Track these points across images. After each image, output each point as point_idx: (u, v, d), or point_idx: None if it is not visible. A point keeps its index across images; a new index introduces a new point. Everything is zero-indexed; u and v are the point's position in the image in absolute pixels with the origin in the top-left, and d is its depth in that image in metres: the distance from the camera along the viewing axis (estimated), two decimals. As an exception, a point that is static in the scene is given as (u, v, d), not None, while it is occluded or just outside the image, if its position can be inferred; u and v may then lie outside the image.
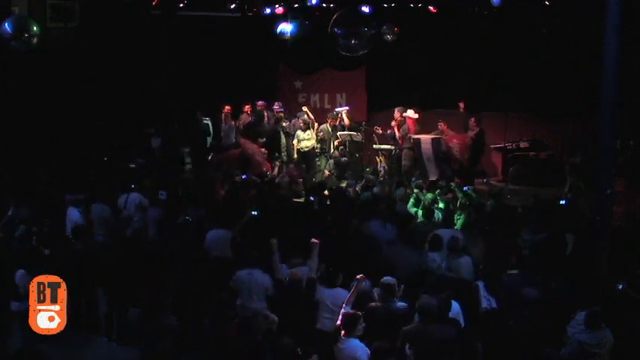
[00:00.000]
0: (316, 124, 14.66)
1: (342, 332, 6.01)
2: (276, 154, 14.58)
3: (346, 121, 14.52)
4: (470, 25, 13.97)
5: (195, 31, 14.29)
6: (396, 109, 14.30)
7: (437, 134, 13.68)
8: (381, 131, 14.22)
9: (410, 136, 13.64)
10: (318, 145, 14.43)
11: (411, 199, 10.40)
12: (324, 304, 6.95)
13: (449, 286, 6.92)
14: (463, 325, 6.52)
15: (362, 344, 5.99)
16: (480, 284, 7.05)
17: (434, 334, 5.97)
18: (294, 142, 14.35)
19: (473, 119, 13.64)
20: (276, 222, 9.18)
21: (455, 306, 6.59)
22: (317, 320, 6.99)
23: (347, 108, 14.94)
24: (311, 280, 7.17)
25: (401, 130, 13.88)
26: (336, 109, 14.97)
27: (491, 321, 6.68)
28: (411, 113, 13.89)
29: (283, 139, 14.70)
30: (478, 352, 5.95)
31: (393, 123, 14.02)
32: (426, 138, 13.37)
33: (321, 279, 7.33)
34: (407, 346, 6.10)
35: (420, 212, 9.91)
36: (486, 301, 6.90)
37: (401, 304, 6.67)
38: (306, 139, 14.29)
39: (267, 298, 7.36)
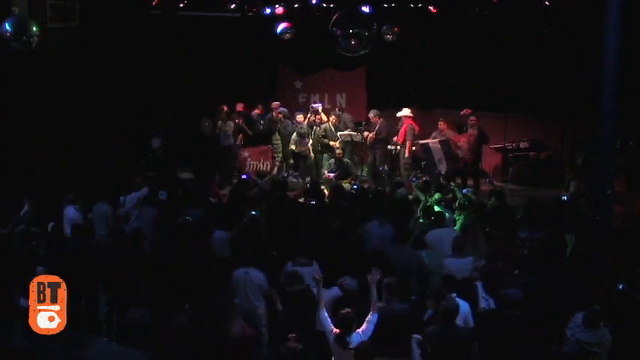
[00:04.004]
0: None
1: (344, 334, 6.03)
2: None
3: (324, 117, 14.45)
4: (470, 25, 13.96)
5: (195, 31, 14.28)
6: (371, 112, 14.28)
7: (440, 135, 13.46)
8: (372, 136, 14.14)
9: (417, 142, 13.59)
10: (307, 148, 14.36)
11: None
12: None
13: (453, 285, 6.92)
14: (472, 324, 6.55)
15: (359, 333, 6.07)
16: (479, 284, 7.04)
17: (454, 335, 6.05)
18: (293, 146, 14.25)
19: (474, 118, 13.46)
20: (278, 221, 9.19)
21: (464, 306, 6.58)
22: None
23: (320, 105, 14.84)
24: None
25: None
26: (312, 105, 14.80)
27: (489, 321, 6.67)
28: (407, 112, 13.84)
29: (279, 140, 14.64)
30: (474, 352, 5.96)
31: (400, 130, 13.96)
32: (434, 142, 13.27)
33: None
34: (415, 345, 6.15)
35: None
36: (485, 301, 6.88)
37: (402, 304, 6.67)
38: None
39: (263, 296, 7.37)
